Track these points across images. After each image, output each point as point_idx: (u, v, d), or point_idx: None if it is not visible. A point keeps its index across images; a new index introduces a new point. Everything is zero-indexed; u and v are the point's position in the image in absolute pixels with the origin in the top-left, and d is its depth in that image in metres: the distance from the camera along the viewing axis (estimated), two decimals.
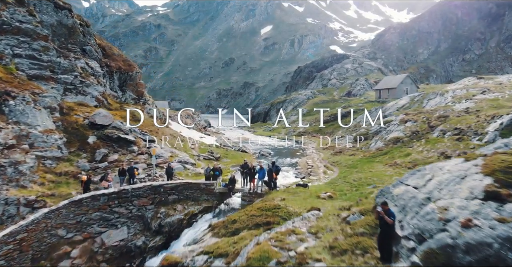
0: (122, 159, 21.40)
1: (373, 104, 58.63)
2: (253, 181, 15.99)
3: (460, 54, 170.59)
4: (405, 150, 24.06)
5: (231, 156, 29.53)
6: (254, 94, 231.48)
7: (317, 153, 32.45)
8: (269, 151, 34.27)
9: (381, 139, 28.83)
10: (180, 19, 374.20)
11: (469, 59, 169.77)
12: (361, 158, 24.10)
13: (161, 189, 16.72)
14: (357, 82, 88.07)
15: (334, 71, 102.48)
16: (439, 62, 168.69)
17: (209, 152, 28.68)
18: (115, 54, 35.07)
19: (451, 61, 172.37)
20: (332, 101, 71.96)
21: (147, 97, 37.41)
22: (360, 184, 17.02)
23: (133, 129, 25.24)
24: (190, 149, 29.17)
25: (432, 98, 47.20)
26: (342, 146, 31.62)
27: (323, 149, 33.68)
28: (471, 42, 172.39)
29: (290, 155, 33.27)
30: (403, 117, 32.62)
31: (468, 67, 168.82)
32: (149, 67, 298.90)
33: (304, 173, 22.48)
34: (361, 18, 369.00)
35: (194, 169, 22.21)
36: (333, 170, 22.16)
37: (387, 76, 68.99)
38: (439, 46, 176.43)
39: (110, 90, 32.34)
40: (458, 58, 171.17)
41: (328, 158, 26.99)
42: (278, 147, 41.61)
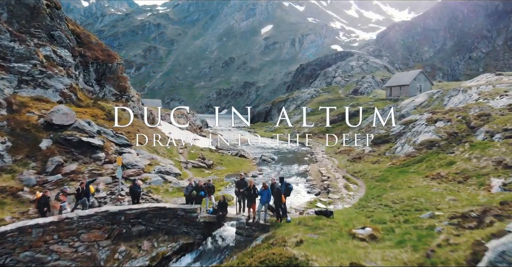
0: (82, 169, 16.35)
1: (385, 102, 53.57)
2: (253, 206, 10.95)
3: (467, 52, 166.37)
4: (444, 156, 18.99)
5: (226, 162, 24.50)
6: (255, 94, 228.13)
7: (328, 158, 27.37)
8: (271, 155, 29.24)
9: (408, 141, 23.74)
10: (180, 18, 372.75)
11: (475, 57, 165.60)
12: (390, 166, 19.03)
13: (121, 216, 11.68)
14: (363, 79, 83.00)
15: (338, 68, 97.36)
16: (445, 61, 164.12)
17: (200, 157, 23.66)
18: (93, 43, 30.06)
19: (457, 59, 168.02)
20: (338, 99, 66.91)
21: (131, 93, 32.38)
22: (406, 209, 11.97)
23: (104, 131, 20.20)
24: (178, 154, 24.14)
25: (454, 95, 42.25)
26: (359, 150, 26.53)
27: (336, 153, 28.58)
28: (477, 40, 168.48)
29: (297, 161, 28.19)
30: (430, 116, 27.55)
31: (475, 65, 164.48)
32: (148, 67, 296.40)
33: (319, 187, 17.44)
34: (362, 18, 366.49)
35: (177, 182, 17.15)
36: (357, 183, 17.12)
37: (398, 73, 64.00)
38: (445, 44, 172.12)
39: (84, 84, 27.32)
40: (465, 57, 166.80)
41: (346, 166, 21.91)
42: (282, 150, 36.57)
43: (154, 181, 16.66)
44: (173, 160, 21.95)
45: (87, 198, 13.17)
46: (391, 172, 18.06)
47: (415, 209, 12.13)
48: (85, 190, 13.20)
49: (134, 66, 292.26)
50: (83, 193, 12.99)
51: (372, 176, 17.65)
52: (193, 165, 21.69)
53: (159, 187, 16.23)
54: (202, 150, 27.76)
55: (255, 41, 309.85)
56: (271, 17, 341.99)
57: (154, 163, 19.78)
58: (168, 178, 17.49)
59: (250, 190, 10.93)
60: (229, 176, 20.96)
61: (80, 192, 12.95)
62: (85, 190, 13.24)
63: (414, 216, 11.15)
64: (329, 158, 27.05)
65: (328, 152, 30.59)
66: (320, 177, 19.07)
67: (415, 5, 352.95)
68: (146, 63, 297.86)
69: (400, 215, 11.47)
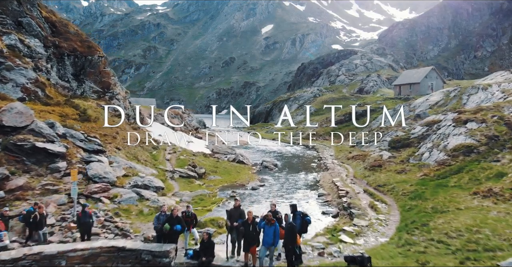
0: (33, 184, 12.68)
1: (395, 102, 49.91)
2: (253, 249, 7.26)
3: (472, 51, 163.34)
4: (489, 165, 15.32)
5: (222, 170, 20.82)
6: (255, 94, 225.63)
7: (340, 164, 23.66)
8: (274, 161, 25.54)
9: (436, 146, 20.06)
10: (179, 18, 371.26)
11: (481, 56, 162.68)
12: (422, 178, 15.34)
13: (61, 261, 8.02)
14: (368, 78, 79.29)
15: (342, 67, 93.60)
16: (450, 60, 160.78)
17: (190, 164, 19.98)
18: (71, 33, 26.41)
19: (462, 58, 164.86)
20: (343, 98, 63.19)
21: (116, 90, 28.73)
22: (471, 248, 8.37)
23: (71, 134, 16.54)
24: (164, 160, 20.46)
25: (473, 93, 38.66)
26: (375, 155, 22.84)
27: (348, 158, 24.85)
28: (482, 39, 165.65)
29: (303, 167, 24.49)
30: (457, 116, 23.88)
31: (480, 65, 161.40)
32: (148, 66, 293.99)
33: (336, 205, 13.78)
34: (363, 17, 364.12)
35: (156, 200, 13.48)
36: (385, 201, 13.43)
37: (408, 70, 60.26)
38: (449, 43, 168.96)
39: (58, 79, 23.68)
40: (470, 56, 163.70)
41: (365, 176, 18.18)
42: (285, 153, 32.86)
43: (126, 198, 12.99)
44: (157, 169, 18.28)
45: (29, 228, 9.55)
46: (425, 185, 14.36)
47: (483, 248, 8.46)
48: (26, 216, 9.59)
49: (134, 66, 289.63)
50: (41, 220, 9.37)
51: (403, 191, 13.96)
52: (181, 174, 18.04)
53: (132, 207, 12.55)
54: (195, 154, 24.08)
55: (255, 41, 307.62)
56: (272, 16, 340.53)
57: (131, 173, 16.10)
58: (145, 194, 13.82)
59: (249, 225, 7.27)
60: (224, 189, 17.29)
61: (35, 219, 9.32)
62: (26, 216, 9.64)
63: (490, 264, 7.50)
64: (341, 164, 23.33)
65: (339, 156, 26.86)
66: (336, 191, 15.39)
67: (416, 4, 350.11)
68: (145, 63, 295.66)
69: (467, 260, 7.79)
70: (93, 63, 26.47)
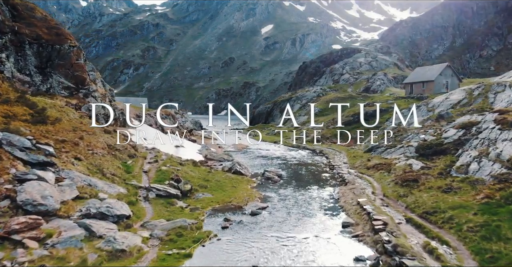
0: None
1: (407, 101, 45.69)
2: None
3: (477, 50, 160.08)
4: None
5: (214, 185, 16.55)
6: (255, 95, 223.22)
7: (359, 174, 19.40)
8: (277, 171, 21.24)
9: (484, 155, 15.80)
10: (179, 18, 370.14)
11: (486, 55, 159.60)
12: (485, 202, 11.07)
13: None
14: (375, 77, 75.10)
15: (346, 65, 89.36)
16: (455, 59, 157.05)
17: (173, 177, 15.71)
18: (36, 18, 22.16)
19: (467, 57, 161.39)
20: (349, 98, 58.94)
21: (92, 86, 24.49)
22: None
23: (9, 140, 12.30)
24: (141, 173, 16.17)
25: (500, 91, 34.48)
26: (403, 165, 18.58)
27: (367, 167, 20.53)
28: (488, 38, 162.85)
29: (314, 179, 20.19)
30: (501, 117, 19.66)
31: (486, 64, 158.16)
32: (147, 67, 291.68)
33: (372, 243, 9.56)
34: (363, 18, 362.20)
35: (113, 238, 9.19)
36: (445, 240, 9.14)
37: (420, 68, 56.03)
38: (454, 42, 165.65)
39: (15, 72, 19.43)
40: (475, 55, 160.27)
41: (399, 195, 13.75)
42: (289, 159, 28.55)
43: (66, 239, 8.72)
44: (127, 186, 14.02)
45: None
46: (496, 214, 10.10)
47: None
48: None
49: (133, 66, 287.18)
50: None
51: (467, 224, 9.69)
52: (158, 193, 13.78)
53: (71, 254, 8.28)
54: (182, 163, 19.78)
55: (255, 41, 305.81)
56: (272, 16, 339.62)
57: (88, 194, 11.83)
58: (97, 229, 9.55)
59: None
60: (215, 213, 13.00)
61: None
62: None
63: None
64: (361, 175, 19.04)
65: (355, 164, 22.54)
66: (367, 220, 11.14)
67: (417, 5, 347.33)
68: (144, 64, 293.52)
69: None
70: (63, 54, 22.24)
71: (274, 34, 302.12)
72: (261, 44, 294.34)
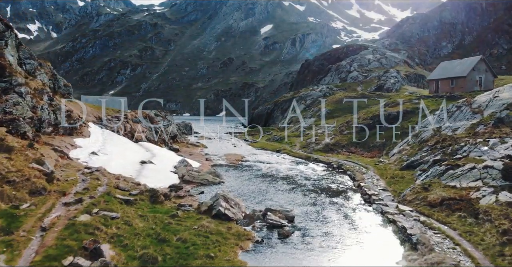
0: None
1: (436, 101, 38.04)
2: None
3: (487, 49, 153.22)
4: None
5: (173, 257, 8.72)
6: (254, 96, 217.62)
7: (421, 219, 11.72)
8: (287, 209, 13.22)
9: None
10: (177, 18, 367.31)
11: (497, 54, 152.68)
12: None
13: None
14: (387, 74, 67.56)
15: (353, 62, 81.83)
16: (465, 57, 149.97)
17: (86, 246, 8.02)
18: None
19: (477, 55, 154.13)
20: (361, 97, 51.32)
21: (18, 78, 16.79)
22: None
23: None
24: (29, 237, 8.39)
25: None
26: (489, 200, 11.03)
27: (431, 204, 12.53)
28: (498, 35, 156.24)
29: (347, 224, 12.36)
30: None
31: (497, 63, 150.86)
32: (144, 67, 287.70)
33: None
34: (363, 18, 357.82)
35: None
36: None
37: (446, 62, 48.26)
38: (464, 39, 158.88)
39: None
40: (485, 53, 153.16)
41: None
42: (299, 180, 20.63)
43: None
44: None
45: None
46: None
47: None
48: None
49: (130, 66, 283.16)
50: None
51: None
52: None
53: None
54: (130, 200, 12.05)
55: (254, 41, 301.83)
56: (271, 16, 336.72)
57: None
58: None
59: None
60: None
61: None
62: None
63: None
64: (427, 221, 11.35)
65: (404, 195, 14.74)
66: None
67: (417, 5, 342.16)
68: (142, 64, 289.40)
69: None
70: None
71: (273, 34, 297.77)
72: (261, 44, 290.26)
